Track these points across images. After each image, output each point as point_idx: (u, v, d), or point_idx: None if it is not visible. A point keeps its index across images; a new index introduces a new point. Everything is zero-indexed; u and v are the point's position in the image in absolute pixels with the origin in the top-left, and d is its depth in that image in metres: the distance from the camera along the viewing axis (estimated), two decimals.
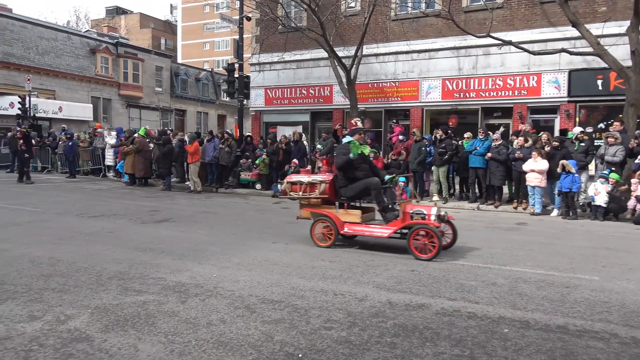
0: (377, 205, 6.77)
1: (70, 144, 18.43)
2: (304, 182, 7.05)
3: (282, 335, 3.61)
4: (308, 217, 7.17)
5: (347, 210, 6.91)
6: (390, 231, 6.54)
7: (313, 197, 7.01)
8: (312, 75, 18.48)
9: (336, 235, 6.77)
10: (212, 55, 64.11)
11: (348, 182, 6.80)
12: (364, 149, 6.91)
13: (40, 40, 30.59)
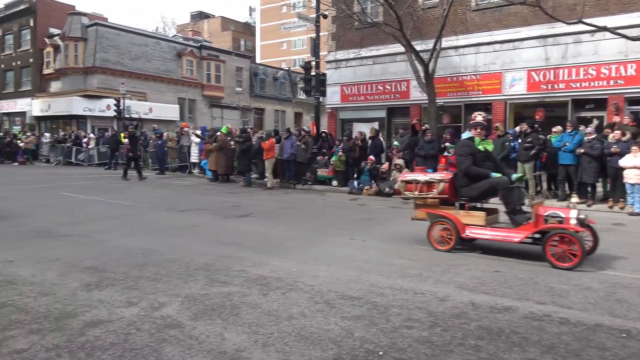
0: (505, 207, 6.18)
1: (159, 142, 19.68)
2: (421, 180, 6.62)
3: (362, 332, 3.61)
4: (424, 219, 6.77)
5: (468, 212, 6.40)
6: (521, 236, 5.87)
7: (431, 197, 6.57)
8: (389, 71, 18.26)
9: (457, 238, 6.27)
10: (289, 54, 65.42)
11: (470, 181, 6.28)
12: (487, 144, 6.44)
13: (133, 46, 32.91)
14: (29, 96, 33.91)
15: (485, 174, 6.19)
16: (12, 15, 35.61)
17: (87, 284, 4.72)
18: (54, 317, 3.85)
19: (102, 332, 3.56)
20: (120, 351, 3.24)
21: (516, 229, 6.01)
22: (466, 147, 6.37)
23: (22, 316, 3.86)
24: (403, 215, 9.84)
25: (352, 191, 13.63)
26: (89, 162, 23.96)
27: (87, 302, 4.21)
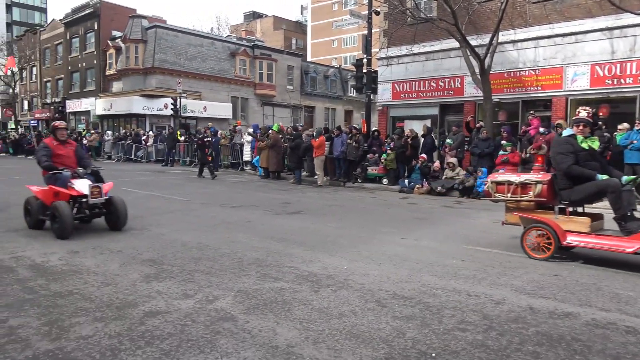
0: (615, 212, 5.55)
1: (213, 140, 20.23)
2: (515, 182, 6.06)
3: (414, 332, 3.56)
4: (517, 223, 6.23)
5: (570, 217, 5.81)
6: (636, 245, 5.25)
7: (526, 200, 6.04)
8: (442, 67, 17.88)
9: (556, 246, 5.70)
10: (340, 52, 65.41)
11: (572, 183, 5.72)
12: (591, 142, 5.85)
13: (189, 47, 34.00)
14: (93, 96, 35.83)
15: (590, 175, 5.63)
16: (78, 20, 37.70)
17: (146, 275, 4.93)
18: (115, 306, 4.04)
19: (160, 322, 3.70)
20: (178, 341, 3.35)
21: (628, 237, 5.38)
22: (567, 145, 5.77)
23: (87, 304, 4.08)
24: (456, 214, 9.63)
25: (403, 190, 13.46)
26: (147, 158, 25.01)
27: (146, 293, 4.39)
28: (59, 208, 6.55)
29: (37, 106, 43.98)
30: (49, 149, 7.11)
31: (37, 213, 7.12)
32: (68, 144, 7.44)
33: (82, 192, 6.80)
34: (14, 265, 5.27)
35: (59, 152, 7.17)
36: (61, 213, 6.50)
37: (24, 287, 4.52)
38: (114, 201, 7.15)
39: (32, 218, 7.23)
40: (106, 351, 3.19)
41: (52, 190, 7.04)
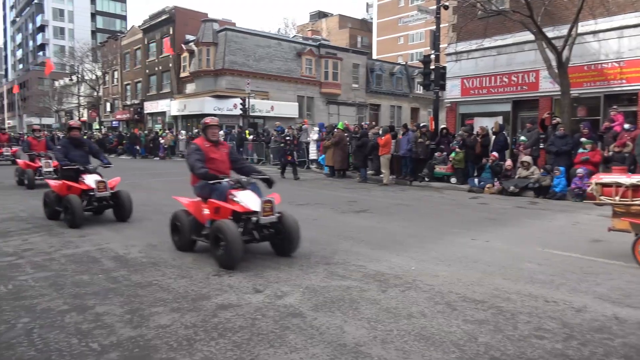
0: None
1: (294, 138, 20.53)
2: (625, 184, 5.53)
3: (487, 337, 3.43)
4: (627, 230, 5.66)
5: None
6: None
7: (638, 205, 5.47)
8: (515, 61, 17.06)
9: None
10: (406, 48, 64.36)
11: None
12: None
13: (257, 48, 34.88)
14: (168, 97, 37.70)
15: None
16: (155, 25, 39.81)
17: (218, 269, 5.11)
18: (191, 297, 4.23)
19: (232, 315, 3.82)
20: (249, 335, 3.45)
21: None
22: None
23: (164, 295, 4.30)
24: (530, 215, 9.17)
25: (473, 189, 13.02)
26: None
27: (218, 286, 4.56)
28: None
29: (118, 108, 46.96)
30: (201, 152, 5.78)
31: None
32: (221, 145, 6.15)
33: (252, 208, 5.38)
34: (99, 256, 5.66)
35: (212, 156, 5.86)
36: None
37: (108, 276, 4.84)
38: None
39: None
40: (183, 340, 3.35)
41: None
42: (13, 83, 76.57)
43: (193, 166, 5.64)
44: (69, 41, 67.09)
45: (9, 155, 19.59)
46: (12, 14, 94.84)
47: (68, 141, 8.19)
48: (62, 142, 8.53)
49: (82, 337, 3.39)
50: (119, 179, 8.40)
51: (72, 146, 8.06)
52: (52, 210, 7.88)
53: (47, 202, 8.05)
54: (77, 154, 8.00)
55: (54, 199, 7.87)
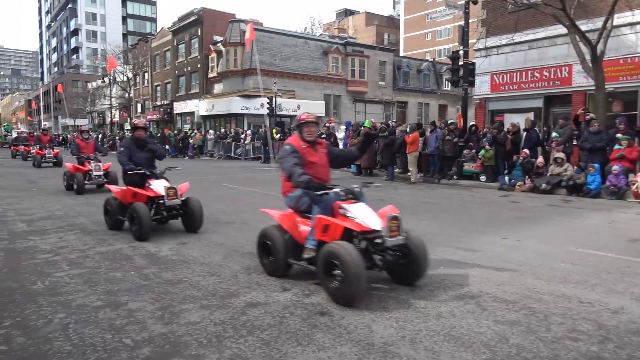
0: None
1: None
2: None
3: (519, 338, 3.35)
4: None
5: None
6: None
7: None
8: (547, 56, 16.65)
9: None
10: (434, 45, 63.57)
11: None
12: None
13: (284, 47, 35.05)
14: (197, 98, 38.30)
15: None
16: (184, 27, 40.47)
17: (247, 267, 5.16)
18: (220, 295, 4.29)
19: (260, 313, 3.86)
20: (277, 332, 3.47)
21: None
22: None
23: (194, 292, 4.37)
24: (563, 214, 8.94)
25: (503, 187, 12.77)
26: (245, 156, 26.20)
27: (247, 284, 4.60)
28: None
29: (149, 108, 47.98)
30: (298, 154, 4.70)
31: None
32: (319, 145, 4.99)
33: (372, 227, 4.26)
34: (132, 254, 5.80)
35: (311, 159, 4.79)
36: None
37: (140, 274, 4.95)
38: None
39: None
40: (212, 337, 3.40)
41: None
42: (49, 86, 79.17)
43: (292, 173, 4.49)
44: (101, 44, 68.84)
45: (51, 157, 19.43)
46: (48, 19, 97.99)
47: (132, 142, 7.43)
48: (125, 143, 7.75)
49: (116, 332, 3.48)
50: (188, 185, 7.49)
51: (136, 148, 7.31)
52: (115, 219, 7.12)
53: (108, 210, 7.28)
54: (141, 156, 7.28)
55: (117, 207, 7.13)
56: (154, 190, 6.88)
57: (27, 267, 5.23)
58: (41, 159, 19.62)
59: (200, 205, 7.01)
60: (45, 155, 20.13)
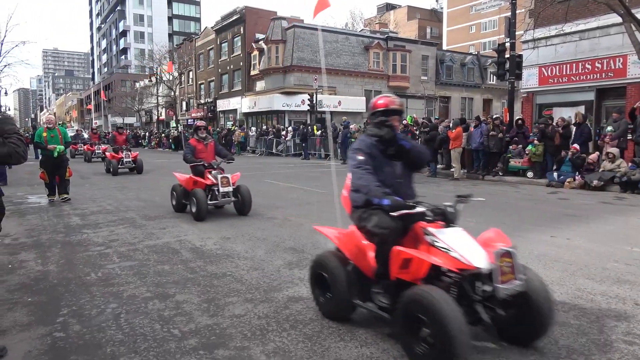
0: None
1: (345, 132, 20.66)
2: None
3: (569, 340, 3.24)
4: None
5: None
6: None
7: None
8: (600, 46, 15.89)
9: None
10: (478, 37, 61.96)
11: None
12: None
13: (324, 43, 35.04)
14: (239, 95, 38.95)
15: None
16: (227, 26, 41.20)
17: (289, 262, 5.22)
18: (263, 289, 4.36)
19: (302, 307, 3.89)
20: (319, 327, 3.50)
21: None
22: None
23: (238, 286, 4.46)
24: (617, 212, 8.54)
25: (551, 183, 12.32)
26: (286, 152, 26.45)
27: (289, 279, 4.66)
28: None
29: (193, 106, 49.22)
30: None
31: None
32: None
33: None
34: (178, 247, 5.98)
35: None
36: None
37: (187, 267, 5.10)
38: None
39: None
40: (256, 330, 3.46)
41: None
42: (100, 86, 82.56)
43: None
44: (148, 44, 71.09)
45: (100, 153, 20.12)
46: (98, 21, 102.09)
47: None
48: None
49: (164, 323, 3.61)
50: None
51: None
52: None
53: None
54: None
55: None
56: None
57: (82, 259, 5.49)
58: (118, 163, 15.82)
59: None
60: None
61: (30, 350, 3.20)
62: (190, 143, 8.47)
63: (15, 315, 3.82)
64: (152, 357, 3.08)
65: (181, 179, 8.53)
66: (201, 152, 8.38)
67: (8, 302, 4.10)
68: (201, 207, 7.56)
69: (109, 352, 3.16)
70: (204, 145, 8.47)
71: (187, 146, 8.47)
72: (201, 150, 8.40)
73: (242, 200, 8.11)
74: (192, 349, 3.19)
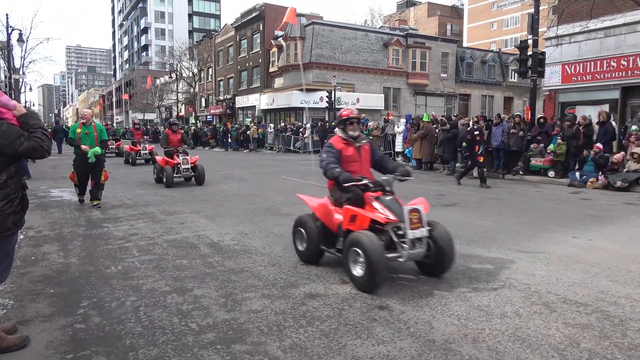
0: None
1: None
2: None
3: (591, 343, 3.17)
4: None
5: None
6: None
7: None
8: (625, 43, 15.51)
9: None
10: (500, 34, 61.09)
11: None
12: None
13: (343, 40, 34.96)
14: (258, 92, 39.08)
15: None
16: (246, 23, 41.35)
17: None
18: (280, 285, 4.37)
19: (319, 304, 3.89)
20: (336, 324, 3.49)
21: None
22: None
23: (255, 281, 4.48)
24: None
25: (573, 183, 12.09)
26: (304, 149, 26.46)
27: (306, 275, 4.65)
28: None
29: (212, 103, 49.57)
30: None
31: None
32: None
33: None
34: (197, 242, 6.03)
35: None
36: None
37: (205, 262, 5.14)
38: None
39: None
40: (273, 326, 3.47)
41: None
42: (121, 82, 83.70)
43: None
44: (168, 41, 71.84)
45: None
46: (120, 18, 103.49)
47: None
48: None
49: (182, 317, 3.64)
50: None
51: None
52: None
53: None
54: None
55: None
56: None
57: (102, 252, 5.58)
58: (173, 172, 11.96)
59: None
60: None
61: (52, 341, 3.26)
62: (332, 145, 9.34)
63: (38, 306, 3.90)
64: (170, 350, 3.11)
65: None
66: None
67: (31, 293, 4.19)
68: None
69: (128, 344, 3.20)
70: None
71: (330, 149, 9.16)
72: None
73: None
74: (210, 343, 3.21)
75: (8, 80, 30.85)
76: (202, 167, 11.95)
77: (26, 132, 3.03)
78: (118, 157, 21.15)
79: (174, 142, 12.31)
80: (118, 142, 23.40)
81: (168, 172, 11.37)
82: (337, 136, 5.09)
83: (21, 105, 3.23)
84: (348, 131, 4.98)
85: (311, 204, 5.24)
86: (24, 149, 2.98)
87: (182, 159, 11.76)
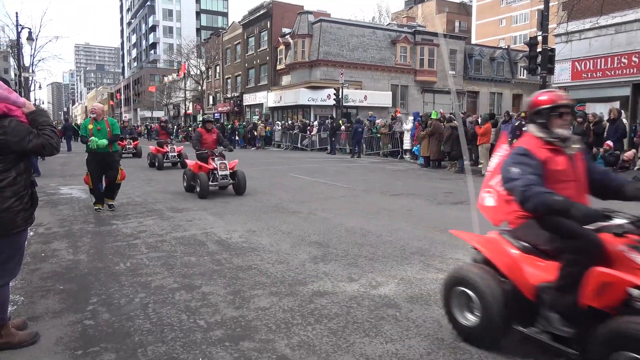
0: None
1: (357, 127, 20.65)
2: None
3: None
4: None
5: None
6: None
7: None
8: (637, 40, 15.32)
9: None
10: (509, 31, 60.61)
11: None
12: None
13: (351, 37, 34.88)
14: (266, 90, 39.11)
15: None
16: (253, 20, 41.38)
17: (314, 257, 5.22)
18: (288, 283, 4.36)
19: (327, 302, 3.88)
20: (344, 322, 3.48)
21: None
22: None
23: (263, 279, 4.48)
24: None
25: None
26: (312, 147, 26.45)
27: (314, 273, 4.65)
28: None
29: (220, 100, 49.68)
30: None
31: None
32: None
33: None
34: (205, 239, 6.04)
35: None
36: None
37: (213, 259, 5.15)
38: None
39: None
40: (281, 323, 3.47)
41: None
42: (129, 80, 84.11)
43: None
44: (176, 39, 72.04)
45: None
46: (128, 16, 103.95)
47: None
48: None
49: (191, 314, 3.65)
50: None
51: None
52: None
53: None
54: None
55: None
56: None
57: (111, 249, 5.61)
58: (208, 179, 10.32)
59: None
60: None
61: (61, 337, 3.28)
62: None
63: (47, 302, 3.92)
64: (178, 347, 3.11)
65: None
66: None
67: (41, 290, 4.22)
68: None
69: (137, 340, 3.22)
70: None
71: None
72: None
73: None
74: (218, 340, 3.22)
75: (18, 78, 31.13)
76: (243, 174, 9.85)
77: (35, 129, 3.04)
78: (135, 158, 19.72)
79: (208, 144, 10.12)
80: (136, 142, 21.28)
81: (203, 180, 9.24)
82: (531, 136, 3.04)
83: (30, 103, 3.25)
84: (554, 128, 2.94)
85: (482, 246, 3.21)
86: (33, 146, 2.99)
87: (219, 163, 9.67)
